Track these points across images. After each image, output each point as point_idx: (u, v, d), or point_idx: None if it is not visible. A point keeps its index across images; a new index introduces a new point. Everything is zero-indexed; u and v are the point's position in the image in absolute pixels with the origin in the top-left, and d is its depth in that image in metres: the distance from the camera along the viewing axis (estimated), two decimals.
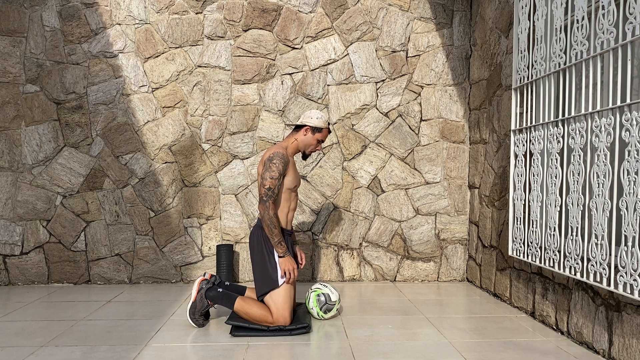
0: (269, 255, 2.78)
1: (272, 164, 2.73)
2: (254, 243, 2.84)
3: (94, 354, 2.41)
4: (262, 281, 2.78)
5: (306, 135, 2.91)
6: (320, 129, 2.91)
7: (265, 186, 2.70)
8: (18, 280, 4.01)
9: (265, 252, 2.79)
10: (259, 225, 2.86)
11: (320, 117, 2.90)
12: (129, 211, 4.03)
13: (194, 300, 2.84)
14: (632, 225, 2.08)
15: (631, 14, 2.11)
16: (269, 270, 2.76)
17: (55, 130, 3.99)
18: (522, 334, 2.74)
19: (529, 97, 3.05)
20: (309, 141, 2.92)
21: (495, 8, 3.62)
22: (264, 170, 2.73)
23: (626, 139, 2.14)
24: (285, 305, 2.74)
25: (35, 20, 3.96)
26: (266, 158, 2.78)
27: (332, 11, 4.06)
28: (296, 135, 2.93)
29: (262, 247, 2.80)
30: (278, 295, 2.74)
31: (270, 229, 2.70)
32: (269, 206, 2.69)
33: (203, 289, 2.85)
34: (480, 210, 3.90)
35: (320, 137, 2.93)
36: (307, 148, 2.95)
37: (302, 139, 2.92)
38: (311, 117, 2.90)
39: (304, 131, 2.90)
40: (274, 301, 2.74)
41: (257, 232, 2.84)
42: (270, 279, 2.76)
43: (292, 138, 2.94)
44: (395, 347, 2.51)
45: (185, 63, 4.02)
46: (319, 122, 2.89)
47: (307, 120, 2.90)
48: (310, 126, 2.90)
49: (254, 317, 2.74)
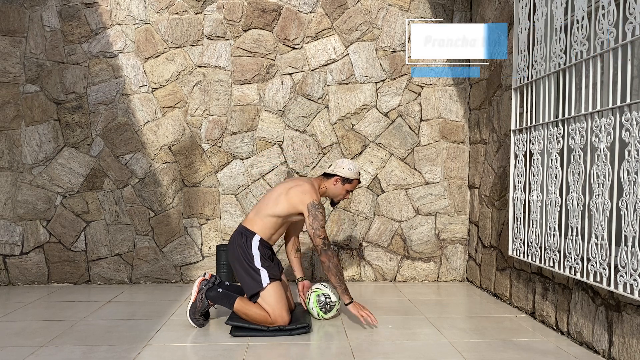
0: (249, 263, 2.79)
1: (318, 212, 2.75)
2: (235, 248, 2.85)
3: (94, 354, 2.41)
4: (247, 285, 2.80)
5: (336, 186, 2.95)
6: (351, 180, 2.95)
7: (321, 237, 2.73)
8: (18, 280, 4.01)
9: (245, 260, 2.80)
10: (239, 232, 2.87)
11: (352, 169, 2.93)
12: (129, 211, 4.03)
13: (194, 300, 2.84)
14: (632, 225, 2.08)
15: (631, 14, 2.11)
16: (251, 273, 2.78)
17: (55, 130, 3.99)
18: (522, 334, 2.74)
19: (529, 97, 3.05)
20: (338, 191, 2.96)
21: (495, 8, 3.62)
22: (313, 220, 2.74)
23: (626, 139, 2.14)
24: (280, 305, 2.74)
25: (35, 20, 3.96)
26: (309, 203, 2.76)
27: (332, 11, 4.06)
28: (326, 182, 2.97)
29: (239, 254, 2.82)
30: (269, 296, 2.74)
31: (338, 277, 2.73)
32: (332, 254, 2.73)
33: (203, 289, 2.86)
34: (480, 210, 3.90)
35: (349, 188, 2.97)
36: (336, 197, 3.00)
37: (331, 188, 2.96)
38: (343, 167, 2.92)
39: (334, 181, 2.94)
40: (267, 303, 2.74)
41: (238, 239, 2.85)
42: (254, 282, 2.76)
43: (321, 184, 2.97)
44: (395, 347, 2.51)
45: (185, 63, 4.02)
46: (350, 174, 2.92)
47: (338, 170, 2.93)
48: (341, 177, 2.92)
49: (253, 318, 2.74)
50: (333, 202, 3.04)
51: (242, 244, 2.82)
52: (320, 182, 2.97)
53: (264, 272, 2.76)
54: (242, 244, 2.82)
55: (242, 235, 2.85)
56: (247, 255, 2.79)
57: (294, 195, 2.80)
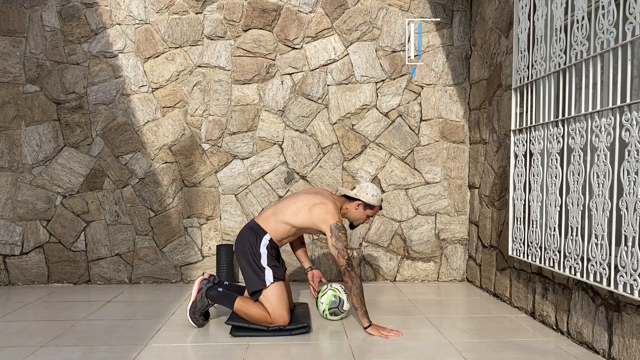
0: (255, 260, 2.79)
1: (341, 234, 2.74)
2: (244, 243, 2.84)
3: (94, 354, 2.41)
4: (250, 281, 2.79)
5: (357, 210, 2.95)
6: (373, 206, 2.95)
7: (345, 257, 2.71)
8: (18, 280, 4.01)
9: (252, 257, 2.79)
10: (251, 227, 2.87)
11: (375, 195, 2.92)
12: (129, 211, 4.03)
13: (194, 300, 2.84)
14: (632, 225, 2.08)
15: (631, 14, 2.11)
16: (256, 271, 2.77)
17: (55, 130, 3.99)
18: (522, 334, 2.74)
19: (529, 97, 3.05)
20: (359, 216, 2.97)
21: (495, 8, 3.62)
22: (337, 241, 2.71)
23: (626, 139, 2.14)
24: (281, 305, 2.74)
25: (35, 20, 3.96)
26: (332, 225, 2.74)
27: (332, 11, 4.06)
28: (348, 205, 2.96)
29: (247, 250, 2.81)
30: (271, 295, 2.74)
31: (360, 298, 2.71)
32: (355, 275, 2.72)
33: (203, 288, 2.86)
34: (480, 210, 3.90)
35: (370, 214, 2.98)
36: (356, 221, 3.01)
37: (353, 212, 2.96)
38: (367, 192, 2.92)
39: (356, 205, 2.94)
40: (269, 301, 2.74)
41: (248, 235, 2.84)
42: (258, 279, 2.76)
43: (343, 204, 2.96)
44: (395, 347, 2.51)
45: (185, 63, 4.02)
46: (373, 200, 2.92)
47: (362, 195, 2.92)
48: (363, 202, 2.92)
49: (253, 317, 2.74)
50: (352, 225, 3.05)
51: (252, 241, 2.82)
52: (342, 202, 2.97)
53: (269, 271, 2.76)
54: (252, 240, 2.82)
55: (253, 231, 2.85)
56: (254, 253, 2.79)
57: (317, 215, 2.79)
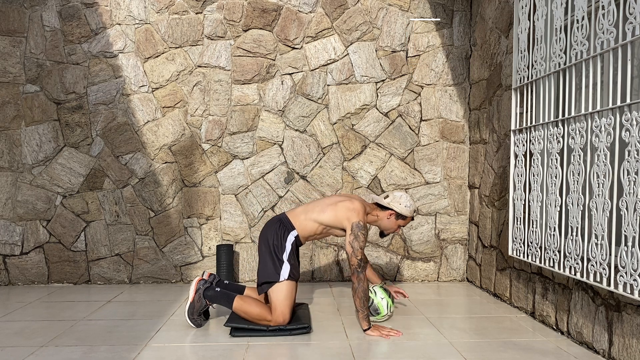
0: (277, 252, 2.79)
1: (361, 233, 2.72)
2: (271, 232, 2.84)
3: (94, 354, 2.41)
4: (265, 271, 2.79)
5: (389, 220, 2.93)
6: (405, 217, 2.93)
7: (358, 257, 2.70)
8: (18, 280, 4.01)
9: (274, 248, 2.79)
10: (281, 220, 2.87)
11: (409, 206, 2.90)
12: (129, 211, 4.03)
13: (192, 301, 2.83)
14: (632, 225, 2.08)
15: (631, 14, 2.11)
16: (275, 262, 2.78)
17: (55, 130, 3.99)
18: (522, 334, 2.74)
19: (529, 97, 3.05)
20: (390, 225, 2.94)
21: (495, 8, 3.62)
22: (354, 240, 2.71)
23: (626, 139, 2.14)
24: (286, 303, 2.74)
25: (35, 20, 3.96)
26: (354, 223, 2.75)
27: (332, 11, 4.06)
28: (379, 213, 2.93)
29: (272, 240, 2.81)
30: (280, 291, 2.74)
31: (363, 301, 2.71)
32: (363, 278, 2.70)
33: (201, 289, 2.85)
34: (480, 210, 3.90)
35: (402, 224, 2.95)
36: (386, 230, 2.98)
37: (384, 221, 2.94)
38: (400, 203, 2.89)
39: (388, 214, 2.91)
40: (276, 296, 2.74)
41: (276, 226, 2.84)
42: (274, 271, 2.76)
43: (373, 212, 2.93)
44: (395, 347, 2.51)
45: (185, 63, 4.02)
46: (406, 211, 2.90)
47: (395, 204, 2.89)
48: (395, 212, 2.91)
49: (252, 316, 2.74)
50: (383, 233, 3.04)
51: (280, 233, 2.83)
52: (372, 209, 2.94)
53: (287, 267, 2.77)
54: (280, 233, 2.83)
55: (282, 224, 2.86)
56: (279, 245, 2.80)
57: (341, 210, 2.80)
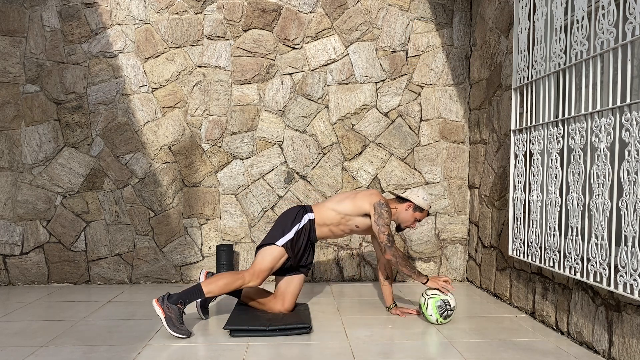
0: (289, 222, 2.90)
1: (384, 210, 2.83)
2: (292, 211, 2.96)
3: (94, 354, 2.41)
4: (269, 235, 2.91)
5: (407, 211, 3.01)
6: (422, 209, 3.01)
7: (385, 233, 2.80)
8: (18, 280, 4.01)
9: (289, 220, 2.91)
10: (304, 207, 2.98)
11: (425, 199, 3.00)
12: (129, 211, 4.03)
13: (165, 315, 2.61)
14: (632, 225, 2.08)
15: (631, 14, 2.11)
16: (282, 229, 2.88)
17: (55, 130, 3.99)
18: (522, 334, 2.74)
19: (529, 97, 3.05)
20: (408, 217, 3.02)
21: (495, 8, 3.62)
22: (378, 218, 2.82)
23: (626, 139, 2.14)
24: (268, 266, 2.82)
25: (35, 20, 3.96)
26: (375, 202, 2.86)
27: (332, 11, 4.06)
28: (397, 205, 3.03)
29: (290, 216, 2.93)
30: (270, 254, 2.82)
31: (408, 267, 2.83)
32: (396, 249, 2.82)
33: (165, 300, 2.64)
34: (480, 210, 3.90)
35: (418, 217, 3.03)
36: (404, 223, 3.05)
37: (402, 212, 3.02)
38: (417, 195, 3.00)
39: (406, 206, 3.01)
40: (263, 258, 2.82)
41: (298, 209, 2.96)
42: (275, 235, 2.86)
43: (392, 204, 3.02)
44: (395, 347, 2.51)
45: (185, 63, 4.02)
46: (423, 203, 2.99)
47: (412, 196, 3.00)
48: (413, 203, 2.99)
49: (226, 284, 2.73)
50: (399, 227, 3.09)
51: (298, 214, 2.94)
52: (392, 202, 3.03)
53: (289, 236, 2.85)
54: (298, 213, 2.94)
55: (304, 208, 2.98)
56: (294, 219, 2.91)
57: (360, 198, 2.92)
